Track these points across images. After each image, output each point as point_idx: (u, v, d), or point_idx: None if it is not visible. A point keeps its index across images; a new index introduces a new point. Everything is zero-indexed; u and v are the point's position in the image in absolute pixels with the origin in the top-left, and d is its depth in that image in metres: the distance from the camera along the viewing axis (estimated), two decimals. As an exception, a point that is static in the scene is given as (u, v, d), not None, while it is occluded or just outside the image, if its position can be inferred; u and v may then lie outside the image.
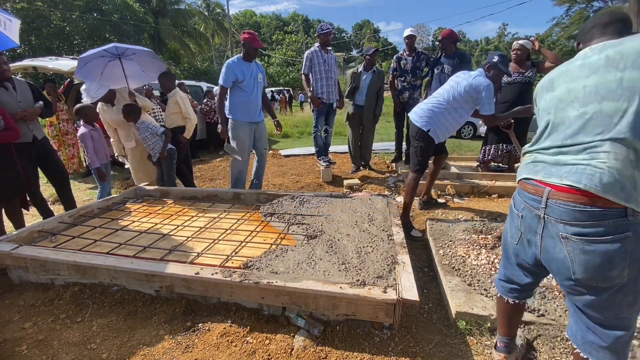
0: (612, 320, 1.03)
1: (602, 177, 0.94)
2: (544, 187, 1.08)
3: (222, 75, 3.21)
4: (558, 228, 1.04)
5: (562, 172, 1.03)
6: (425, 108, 2.78)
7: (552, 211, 1.05)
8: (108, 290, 1.96)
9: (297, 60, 28.70)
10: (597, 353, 1.06)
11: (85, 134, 3.21)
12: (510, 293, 1.37)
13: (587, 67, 1.05)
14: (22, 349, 1.60)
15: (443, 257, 2.25)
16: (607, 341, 1.04)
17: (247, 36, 3.21)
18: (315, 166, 5.37)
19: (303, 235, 2.29)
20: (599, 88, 1.00)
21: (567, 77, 1.11)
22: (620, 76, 0.95)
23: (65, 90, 5.77)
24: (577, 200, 0.99)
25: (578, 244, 0.99)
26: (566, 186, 1.01)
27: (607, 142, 0.96)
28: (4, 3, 14.67)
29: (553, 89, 1.16)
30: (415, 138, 2.82)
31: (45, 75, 7.01)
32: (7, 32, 2.40)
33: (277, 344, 1.56)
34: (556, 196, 1.04)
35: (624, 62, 0.95)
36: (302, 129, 10.52)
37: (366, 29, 60.76)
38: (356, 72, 4.47)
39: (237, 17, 50.43)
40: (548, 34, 27.40)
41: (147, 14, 21.59)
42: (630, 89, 0.93)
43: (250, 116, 3.37)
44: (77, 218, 2.77)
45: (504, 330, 1.44)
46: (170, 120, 3.74)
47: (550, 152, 1.11)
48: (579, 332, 1.11)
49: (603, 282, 0.99)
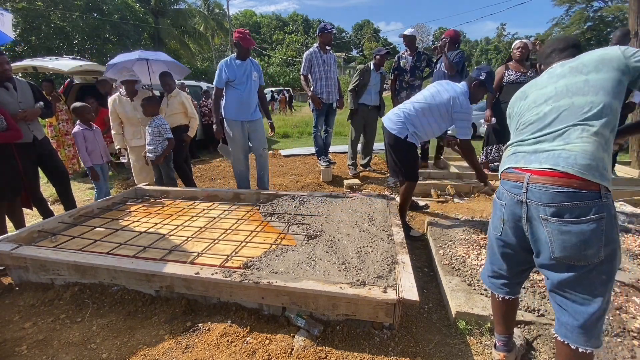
0: (585, 297, 1.08)
1: (577, 158, 1.05)
2: (524, 173, 1.16)
3: (215, 76, 3.30)
4: (539, 210, 1.11)
5: (541, 157, 1.13)
6: (399, 113, 2.65)
7: (533, 194, 1.13)
8: (108, 290, 1.96)
9: (297, 60, 28.70)
10: (571, 334, 1.11)
11: (78, 133, 3.19)
12: (500, 289, 1.40)
13: (554, 76, 1.22)
14: (22, 349, 1.60)
15: (443, 257, 2.25)
16: (579, 319, 1.09)
17: (237, 35, 3.22)
18: (315, 166, 5.37)
19: (303, 235, 2.29)
20: (569, 87, 1.15)
21: (538, 86, 1.28)
22: (585, 78, 1.12)
23: (65, 90, 5.77)
24: (554, 183, 1.07)
25: (556, 225, 1.07)
26: (545, 169, 1.10)
27: (579, 128, 1.08)
28: (4, 3, 14.66)
29: (526, 96, 1.31)
30: (394, 147, 2.68)
31: (45, 75, 7.00)
32: (1, 27, 2.38)
33: (277, 344, 1.56)
34: (536, 180, 1.12)
35: (586, 68, 1.13)
36: (302, 129, 10.53)
37: (366, 29, 60.76)
38: (367, 69, 4.36)
39: (237, 17, 50.42)
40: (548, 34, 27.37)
41: (147, 14, 21.57)
42: (595, 86, 1.09)
43: (243, 115, 3.35)
44: (77, 218, 2.77)
45: (500, 328, 1.46)
46: (173, 120, 3.73)
47: (528, 143, 1.21)
48: (557, 319, 1.17)
49: (580, 260, 1.06)
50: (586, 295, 1.08)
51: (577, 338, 1.10)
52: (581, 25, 21.85)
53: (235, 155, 3.51)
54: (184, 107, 3.79)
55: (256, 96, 3.44)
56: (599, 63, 1.11)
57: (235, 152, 3.49)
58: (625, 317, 1.64)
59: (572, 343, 1.11)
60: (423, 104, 2.59)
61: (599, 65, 1.11)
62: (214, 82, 3.33)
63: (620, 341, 1.52)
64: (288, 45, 35.57)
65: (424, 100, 2.60)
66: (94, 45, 18.41)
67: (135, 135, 3.61)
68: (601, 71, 1.10)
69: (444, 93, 2.55)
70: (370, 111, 4.50)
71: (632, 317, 1.63)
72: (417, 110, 2.59)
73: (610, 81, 1.08)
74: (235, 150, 3.47)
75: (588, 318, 1.07)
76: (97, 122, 4.73)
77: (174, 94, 3.74)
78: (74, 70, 5.29)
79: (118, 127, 3.62)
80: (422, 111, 2.58)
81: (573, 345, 1.11)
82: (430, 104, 2.57)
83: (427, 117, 2.59)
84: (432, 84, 2.77)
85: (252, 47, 3.28)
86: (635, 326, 1.57)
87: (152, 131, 3.36)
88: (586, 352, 1.10)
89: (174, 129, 3.67)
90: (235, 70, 3.24)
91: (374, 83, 4.38)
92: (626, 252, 2.26)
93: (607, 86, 1.08)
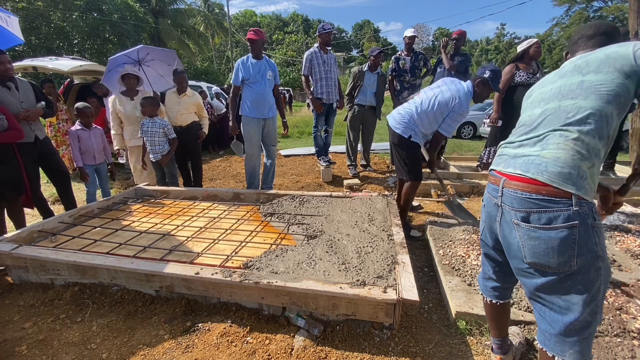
0: (561, 306, 1.05)
1: (548, 166, 1.02)
2: (501, 176, 1.17)
3: (232, 74, 3.46)
4: (511, 215, 1.12)
5: (517, 162, 1.12)
6: (403, 113, 2.68)
7: (506, 199, 1.13)
8: (108, 290, 1.96)
9: (297, 60, 28.69)
10: (548, 342, 1.10)
11: (72, 133, 3.19)
12: (490, 292, 1.41)
13: (557, 74, 1.17)
14: (22, 349, 1.60)
15: (443, 257, 2.25)
16: (555, 328, 1.06)
17: (250, 34, 3.31)
18: (315, 166, 5.37)
19: (303, 235, 2.29)
20: (561, 89, 1.11)
21: (541, 84, 1.24)
22: (581, 79, 1.05)
23: (65, 90, 5.77)
24: (524, 189, 1.06)
25: (526, 230, 1.07)
26: (517, 175, 1.09)
27: (556, 133, 1.05)
28: (4, 3, 14.66)
29: (530, 95, 1.28)
30: (399, 146, 2.70)
31: (45, 75, 7.00)
32: (10, 29, 2.40)
33: (277, 344, 1.56)
34: (509, 185, 1.12)
35: (587, 68, 1.05)
36: (302, 129, 10.52)
37: (366, 29, 60.73)
38: (360, 71, 4.43)
39: (237, 17, 50.37)
40: (548, 34, 27.40)
41: (147, 13, 21.56)
42: (587, 89, 1.02)
43: (259, 113, 3.44)
44: (77, 218, 2.77)
45: (493, 332, 1.47)
46: (185, 118, 3.73)
47: (513, 146, 1.20)
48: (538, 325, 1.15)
49: (549, 267, 1.04)
50: (562, 303, 1.04)
51: (553, 346, 1.08)
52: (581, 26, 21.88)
53: (248, 151, 3.57)
54: (198, 107, 3.84)
55: (271, 94, 3.50)
56: (601, 62, 1.01)
57: (249, 149, 3.56)
58: (626, 317, 1.64)
59: (549, 351, 1.09)
60: (426, 103, 2.60)
61: (601, 65, 1.01)
62: (232, 80, 3.50)
63: (620, 341, 1.52)
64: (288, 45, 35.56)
65: (427, 100, 2.61)
66: (94, 45, 18.37)
67: (134, 135, 3.59)
68: (601, 72, 1.00)
69: (446, 92, 2.56)
70: (367, 111, 4.51)
71: (632, 318, 1.63)
72: (420, 109, 2.61)
73: (607, 84, 0.99)
74: (250, 147, 3.54)
75: (564, 328, 1.04)
76: (97, 121, 4.73)
77: (189, 93, 3.74)
78: (74, 70, 5.29)
79: (118, 127, 3.62)
80: (425, 110, 2.59)
81: (550, 353, 1.09)
82: (432, 103, 2.57)
83: (430, 116, 2.60)
84: (437, 81, 2.77)
85: (259, 39, 3.34)
86: (636, 327, 1.57)
87: (154, 131, 3.35)
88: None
89: (187, 127, 3.71)
90: (250, 69, 3.33)
91: (369, 84, 4.40)
92: (626, 252, 2.26)
93: (602, 90, 0.99)
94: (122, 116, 3.55)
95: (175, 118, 3.67)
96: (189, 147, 3.74)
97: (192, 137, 3.76)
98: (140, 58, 3.99)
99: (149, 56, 4.06)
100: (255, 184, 3.74)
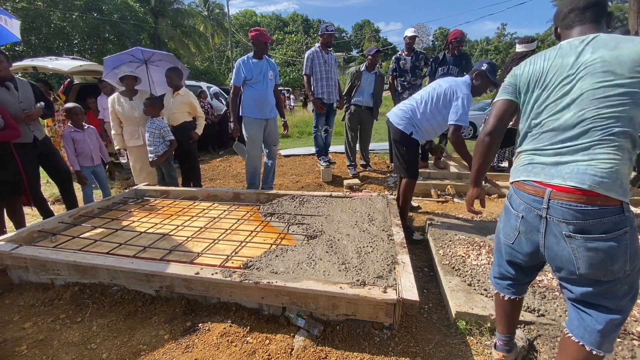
0: (607, 306, 1.08)
1: (604, 176, 1.00)
2: (545, 188, 1.11)
3: (233, 74, 3.38)
4: (561, 227, 1.07)
5: (564, 172, 1.07)
6: (405, 109, 2.70)
7: (555, 211, 1.08)
8: (108, 290, 1.96)
9: (297, 60, 28.67)
10: (589, 336, 1.11)
11: (65, 135, 3.16)
12: (507, 289, 1.40)
13: (582, 67, 1.05)
14: (22, 349, 1.60)
15: (443, 257, 2.25)
16: (601, 323, 1.08)
17: (254, 33, 3.26)
18: (315, 166, 5.37)
19: (303, 235, 2.29)
20: (596, 93, 1.02)
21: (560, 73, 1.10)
22: (617, 82, 0.99)
23: (65, 90, 5.77)
24: (578, 200, 1.03)
25: (581, 242, 1.04)
26: (569, 187, 1.04)
27: (605, 143, 1.02)
28: (4, 3, 14.66)
29: (544, 85, 1.14)
30: (399, 142, 2.72)
31: (45, 75, 7.00)
32: (9, 28, 2.41)
33: (277, 344, 1.56)
34: (558, 197, 1.07)
35: (621, 68, 0.99)
36: (302, 129, 10.53)
37: (366, 29, 60.75)
38: (357, 70, 4.45)
39: (237, 17, 50.35)
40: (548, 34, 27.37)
41: (147, 13, 21.58)
42: (627, 96, 0.99)
43: (261, 113, 3.41)
44: (77, 218, 2.77)
45: (502, 327, 1.45)
46: (177, 118, 3.69)
47: (547, 153, 1.13)
48: (575, 319, 1.16)
49: (606, 276, 1.04)
50: (610, 304, 1.08)
51: (593, 341, 1.10)
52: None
53: (250, 152, 3.55)
54: (191, 107, 3.74)
55: (272, 94, 3.48)
56: (636, 64, 0.98)
57: (250, 150, 3.53)
58: (628, 319, 1.63)
59: (588, 345, 1.11)
60: (426, 98, 2.62)
61: (637, 67, 0.97)
62: (232, 80, 3.42)
63: (621, 341, 1.53)
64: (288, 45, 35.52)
65: (427, 95, 2.64)
66: (94, 45, 18.39)
67: (133, 135, 3.58)
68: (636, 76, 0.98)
69: (444, 84, 2.59)
70: (363, 112, 4.52)
71: (634, 320, 1.63)
72: (421, 105, 2.62)
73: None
74: (251, 148, 3.52)
75: (609, 324, 1.07)
76: (97, 121, 4.73)
77: (182, 93, 3.66)
78: (74, 70, 5.29)
79: (118, 127, 3.61)
80: (426, 105, 2.61)
81: (588, 347, 1.11)
82: (432, 97, 2.60)
83: (432, 110, 2.61)
84: (435, 80, 2.79)
85: (270, 42, 3.34)
86: (637, 330, 1.57)
87: (151, 132, 3.35)
88: (599, 355, 1.10)
89: (179, 126, 3.64)
90: (252, 69, 3.30)
91: (367, 84, 4.40)
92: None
93: (637, 96, 0.98)
94: (121, 116, 3.54)
95: (169, 117, 3.65)
96: (183, 147, 3.68)
97: (184, 137, 3.68)
98: (146, 58, 3.96)
99: (154, 56, 4.04)
100: (256, 185, 3.73)
